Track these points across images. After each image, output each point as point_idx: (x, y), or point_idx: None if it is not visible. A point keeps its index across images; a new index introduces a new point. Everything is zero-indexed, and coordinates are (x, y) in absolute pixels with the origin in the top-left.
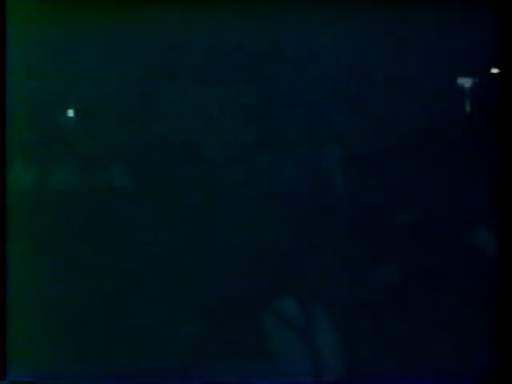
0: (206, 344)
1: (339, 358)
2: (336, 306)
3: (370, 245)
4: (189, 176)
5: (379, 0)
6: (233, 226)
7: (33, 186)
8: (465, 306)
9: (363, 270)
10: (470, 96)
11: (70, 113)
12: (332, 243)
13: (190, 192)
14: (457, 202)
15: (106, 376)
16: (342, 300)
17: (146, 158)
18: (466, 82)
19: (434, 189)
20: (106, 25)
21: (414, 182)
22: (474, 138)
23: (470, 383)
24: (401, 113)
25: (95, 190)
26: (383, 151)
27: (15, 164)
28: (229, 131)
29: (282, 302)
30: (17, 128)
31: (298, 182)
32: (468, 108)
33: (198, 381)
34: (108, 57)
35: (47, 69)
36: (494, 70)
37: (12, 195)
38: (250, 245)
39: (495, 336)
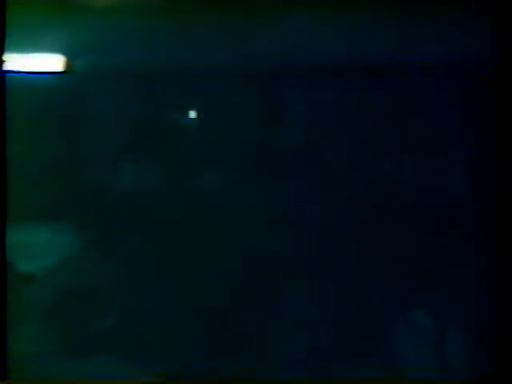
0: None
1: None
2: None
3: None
4: (303, 182)
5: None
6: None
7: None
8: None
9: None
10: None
11: (189, 114)
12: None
13: (305, 198)
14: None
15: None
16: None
17: (256, 162)
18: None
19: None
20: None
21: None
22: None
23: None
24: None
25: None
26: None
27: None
28: (349, 137)
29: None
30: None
31: (426, 187)
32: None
33: None
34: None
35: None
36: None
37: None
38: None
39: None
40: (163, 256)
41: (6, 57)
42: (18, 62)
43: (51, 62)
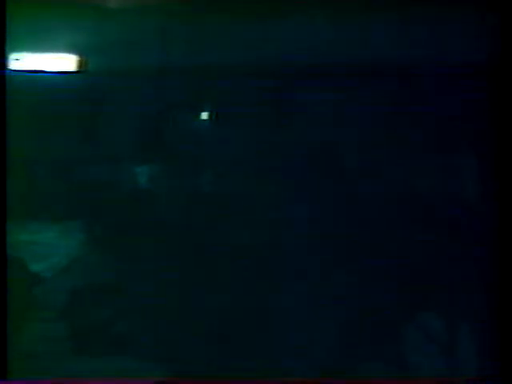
0: None
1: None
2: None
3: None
4: (323, 184)
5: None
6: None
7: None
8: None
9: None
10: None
11: (203, 116)
12: None
13: (324, 201)
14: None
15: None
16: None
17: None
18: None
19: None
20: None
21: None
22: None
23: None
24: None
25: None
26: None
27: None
28: (366, 137)
29: None
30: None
31: (443, 192)
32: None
33: None
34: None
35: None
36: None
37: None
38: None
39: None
40: (174, 256)
41: (16, 56)
42: (30, 61)
43: (63, 62)
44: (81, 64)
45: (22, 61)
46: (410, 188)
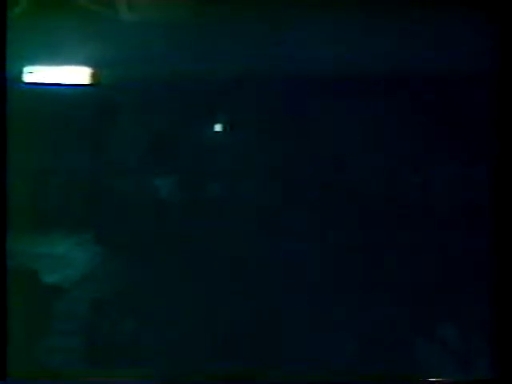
0: None
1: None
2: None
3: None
4: (336, 191)
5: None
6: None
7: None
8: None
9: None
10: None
11: (217, 127)
12: None
13: (337, 207)
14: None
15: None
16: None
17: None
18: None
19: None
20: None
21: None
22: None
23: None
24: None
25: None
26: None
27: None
28: (380, 147)
29: None
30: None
31: (458, 199)
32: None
33: None
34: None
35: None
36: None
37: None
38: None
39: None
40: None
41: (31, 69)
42: (43, 74)
43: (76, 75)
44: (85, 76)
45: (25, 73)
46: (413, 190)
